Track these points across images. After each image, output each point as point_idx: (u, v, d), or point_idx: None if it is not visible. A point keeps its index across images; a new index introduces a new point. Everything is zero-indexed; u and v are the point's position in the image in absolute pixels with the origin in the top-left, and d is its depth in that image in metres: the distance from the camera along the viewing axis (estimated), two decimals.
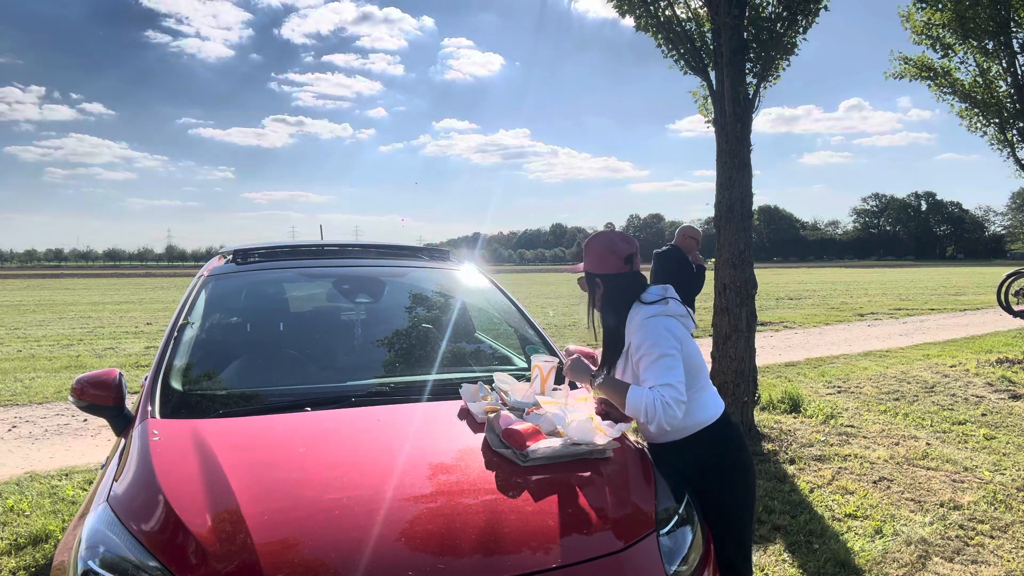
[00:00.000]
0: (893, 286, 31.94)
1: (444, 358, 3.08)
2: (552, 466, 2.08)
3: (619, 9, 6.35)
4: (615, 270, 2.37)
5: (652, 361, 2.17)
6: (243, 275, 3.41)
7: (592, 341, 2.62)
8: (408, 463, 2.05)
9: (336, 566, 1.61)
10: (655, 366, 2.16)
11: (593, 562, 1.74)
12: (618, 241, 2.39)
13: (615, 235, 2.41)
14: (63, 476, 4.85)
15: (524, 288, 32.42)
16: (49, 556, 3.57)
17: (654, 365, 2.16)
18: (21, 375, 9.19)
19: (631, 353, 2.28)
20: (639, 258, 2.43)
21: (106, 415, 2.53)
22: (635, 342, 2.25)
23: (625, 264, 2.37)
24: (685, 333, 2.30)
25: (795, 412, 6.46)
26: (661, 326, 2.23)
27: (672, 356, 2.18)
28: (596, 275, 2.40)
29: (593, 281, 2.42)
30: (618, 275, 2.38)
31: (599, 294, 2.41)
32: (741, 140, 5.63)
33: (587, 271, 2.43)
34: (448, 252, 4.04)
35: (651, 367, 2.17)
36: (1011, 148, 11.75)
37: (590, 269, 2.42)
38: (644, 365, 2.19)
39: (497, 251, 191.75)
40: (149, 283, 46.73)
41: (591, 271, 2.42)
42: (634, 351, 2.25)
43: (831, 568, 3.44)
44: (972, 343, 11.58)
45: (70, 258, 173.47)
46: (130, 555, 1.67)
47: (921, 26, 10.87)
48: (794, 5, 5.65)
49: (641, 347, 2.22)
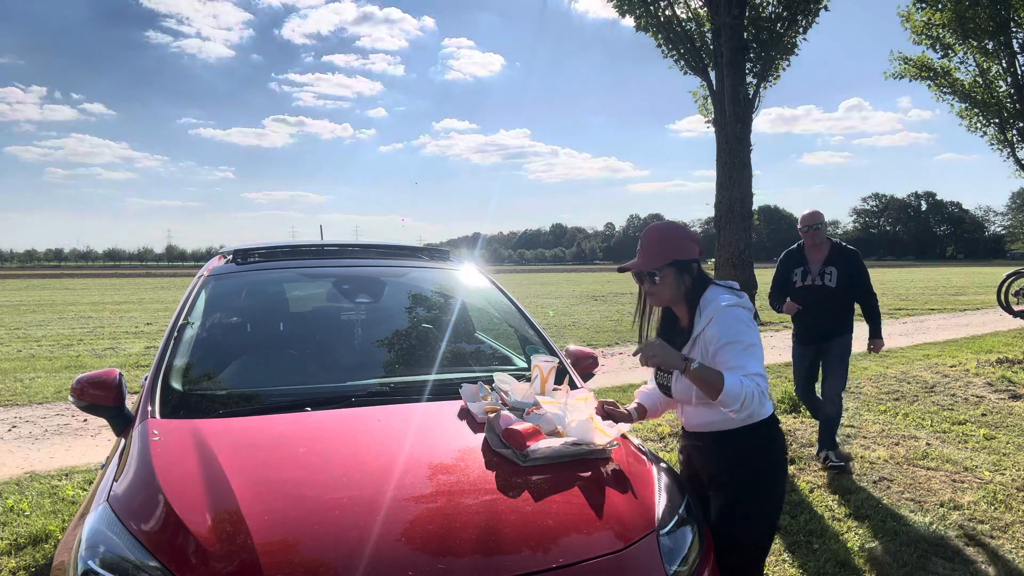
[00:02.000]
0: (893, 286, 31.93)
1: (444, 358, 3.08)
2: (552, 466, 2.08)
3: (619, 9, 6.37)
4: (695, 256, 2.33)
5: (743, 349, 2.13)
6: (243, 275, 3.40)
7: (630, 339, 2.59)
8: (408, 463, 2.05)
9: (336, 566, 1.61)
10: (746, 354, 2.13)
11: (593, 562, 1.73)
12: (685, 227, 2.38)
13: (676, 223, 2.39)
14: (63, 476, 4.85)
15: (524, 288, 32.41)
16: (49, 556, 3.57)
17: (745, 353, 2.13)
18: (21, 375, 9.19)
19: (707, 340, 2.22)
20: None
21: (106, 415, 2.53)
22: (717, 330, 2.18)
23: (698, 249, 2.35)
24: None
25: (795, 412, 6.46)
26: (746, 316, 2.21)
27: (758, 346, 2.17)
28: (690, 261, 2.31)
29: (688, 269, 2.31)
30: (697, 260, 2.34)
31: (689, 280, 2.31)
32: (741, 140, 5.64)
33: (679, 259, 2.31)
34: (448, 252, 4.04)
35: (742, 355, 2.13)
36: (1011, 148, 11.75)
37: (680, 256, 2.31)
38: (734, 352, 2.14)
39: (497, 251, 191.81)
40: (149, 283, 46.73)
41: (683, 258, 2.31)
42: (715, 338, 2.19)
43: (831, 568, 3.44)
44: (972, 343, 11.58)
45: (70, 258, 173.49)
46: (130, 555, 1.67)
47: (921, 26, 10.87)
48: (794, 5, 5.66)
49: (726, 335, 2.16)
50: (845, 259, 4.84)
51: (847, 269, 4.82)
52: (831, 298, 4.84)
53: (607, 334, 13.37)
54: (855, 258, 4.89)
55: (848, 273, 4.82)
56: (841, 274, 4.82)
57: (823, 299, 4.84)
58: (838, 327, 4.87)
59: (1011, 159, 12.02)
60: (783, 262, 5.10)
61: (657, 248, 2.32)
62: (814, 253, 4.94)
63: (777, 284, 5.13)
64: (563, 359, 3.04)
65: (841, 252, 4.87)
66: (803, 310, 4.94)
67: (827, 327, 4.90)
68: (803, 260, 4.96)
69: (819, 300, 4.86)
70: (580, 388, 2.77)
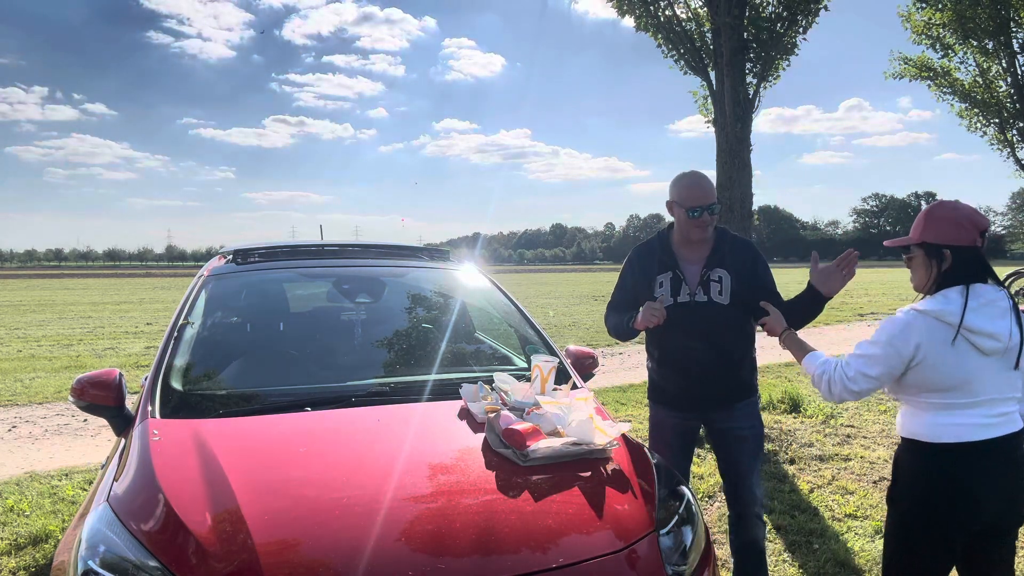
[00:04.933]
0: (893, 286, 31.93)
1: (444, 358, 3.08)
2: (552, 466, 2.08)
3: (619, 9, 6.37)
4: (969, 242, 2.06)
5: (867, 344, 2.10)
6: (243, 275, 3.41)
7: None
8: (408, 463, 2.05)
9: (336, 566, 1.61)
10: (861, 348, 2.12)
11: (593, 562, 1.74)
12: (973, 212, 2.08)
13: (966, 206, 2.12)
14: (63, 476, 4.85)
15: (524, 288, 32.42)
16: (49, 556, 3.57)
17: (862, 347, 2.12)
18: (21, 375, 9.19)
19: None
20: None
21: (106, 415, 2.53)
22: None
23: (981, 237, 2.07)
24: (942, 342, 2.01)
25: (795, 412, 6.46)
26: (905, 323, 2.06)
27: (880, 351, 2.05)
28: (944, 246, 2.06)
29: (939, 253, 2.07)
30: (972, 247, 2.06)
31: (943, 267, 2.07)
32: (741, 140, 5.63)
33: (928, 241, 2.09)
34: (448, 252, 4.04)
35: (859, 347, 2.12)
36: (1011, 148, 11.76)
37: (935, 240, 2.07)
38: (862, 343, 2.12)
39: (497, 251, 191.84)
40: (149, 283, 46.73)
41: (939, 242, 2.07)
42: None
43: (831, 568, 3.44)
44: None
45: (70, 258, 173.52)
46: (130, 555, 1.67)
47: (921, 26, 10.89)
48: (794, 5, 5.66)
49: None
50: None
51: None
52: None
53: (607, 334, 13.36)
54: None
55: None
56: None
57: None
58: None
59: (1011, 159, 12.03)
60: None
61: (930, 225, 2.11)
62: None
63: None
64: (563, 359, 3.04)
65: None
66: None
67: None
68: None
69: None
70: (580, 388, 2.77)
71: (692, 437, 2.95)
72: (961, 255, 2.04)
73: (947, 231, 2.06)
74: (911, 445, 2.10)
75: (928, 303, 2.05)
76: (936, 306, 2.02)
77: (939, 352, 1.99)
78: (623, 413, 6.65)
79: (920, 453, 2.07)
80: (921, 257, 2.12)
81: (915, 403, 2.10)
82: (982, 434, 2.00)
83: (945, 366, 1.99)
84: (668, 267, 2.78)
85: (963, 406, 2.02)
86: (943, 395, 2.03)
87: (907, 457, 2.13)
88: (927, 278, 2.11)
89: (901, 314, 2.07)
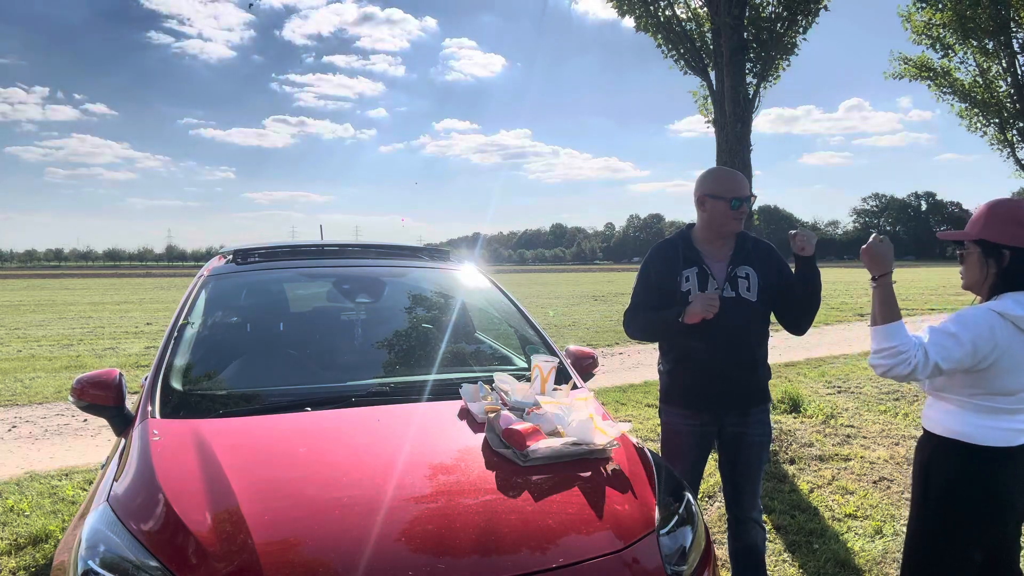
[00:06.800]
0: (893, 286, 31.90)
1: (444, 358, 3.08)
2: (552, 466, 2.08)
3: (619, 9, 6.37)
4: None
5: (945, 323, 1.98)
6: (243, 275, 3.41)
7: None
8: (408, 463, 2.05)
9: (336, 566, 1.61)
10: (940, 326, 1.97)
11: (593, 562, 1.73)
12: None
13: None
14: (63, 476, 4.85)
15: (524, 288, 32.43)
16: (49, 556, 3.57)
17: (941, 324, 1.98)
18: (21, 375, 9.19)
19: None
20: None
21: (106, 415, 2.53)
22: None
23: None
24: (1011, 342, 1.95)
25: (795, 412, 6.46)
26: (986, 318, 1.96)
27: (958, 338, 1.92)
28: (1004, 247, 1.96)
29: (998, 253, 1.97)
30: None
31: (1001, 267, 1.97)
32: (741, 140, 5.63)
33: (986, 239, 1.99)
34: (448, 252, 4.04)
35: (939, 324, 1.99)
36: (1011, 148, 11.76)
37: (993, 238, 1.97)
38: (939, 324, 1.99)
39: (497, 251, 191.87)
40: (149, 283, 46.72)
41: (998, 241, 1.97)
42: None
43: (831, 568, 3.44)
44: None
45: (70, 258, 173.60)
46: (130, 555, 1.67)
47: (921, 26, 10.89)
48: (794, 5, 5.66)
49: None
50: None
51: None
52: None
53: (607, 334, 13.37)
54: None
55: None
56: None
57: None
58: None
59: (1011, 159, 12.03)
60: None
61: (989, 223, 2.01)
62: None
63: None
64: (563, 359, 3.04)
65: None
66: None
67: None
68: None
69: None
70: (580, 388, 2.77)
71: (707, 449, 2.83)
72: (1022, 257, 1.94)
73: (1010, 230, 1.96)
74: (949, 445, 2.03)
75: (1006, 305, 1.94)
76: (1015, 311, 1.93)
77: (1015, 357, 1.94)
78: (623, 413, 6.65)
79: (961, 455, 2.01)
80: (977, 255, 2.03)
81: (962, 403, 2.02)
82: (1021, 439, 1.99)
83: (1017, 371, 1.95)
84: (693, 263, 2.71)
85: (1011, 411, 1.99)
86: (997, 399, 1.97)
87: (942, 457, 2.05)
88: (981, 277, 2.03)
89: (979, 311, 1.96)
